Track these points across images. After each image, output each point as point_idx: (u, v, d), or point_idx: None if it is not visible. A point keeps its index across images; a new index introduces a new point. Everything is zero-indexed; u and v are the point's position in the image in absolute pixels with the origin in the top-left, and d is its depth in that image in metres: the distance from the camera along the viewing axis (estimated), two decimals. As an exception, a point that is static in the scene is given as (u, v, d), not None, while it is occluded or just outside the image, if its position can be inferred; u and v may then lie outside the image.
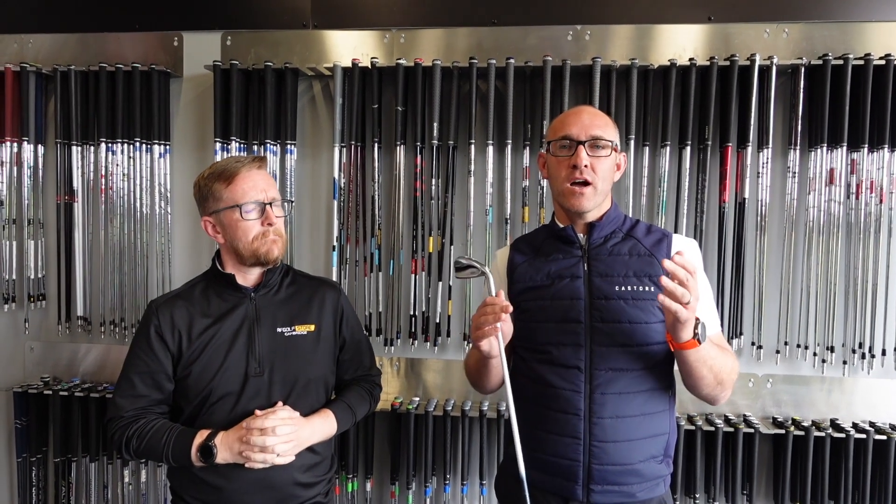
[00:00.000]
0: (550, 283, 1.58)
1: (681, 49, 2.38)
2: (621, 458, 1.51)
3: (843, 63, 2.25)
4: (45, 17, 2.70)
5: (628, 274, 1.53)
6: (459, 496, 2.52)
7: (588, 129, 1.54)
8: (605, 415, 1.51)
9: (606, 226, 1.58)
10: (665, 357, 1.55)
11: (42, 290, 2.71)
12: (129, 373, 1.64)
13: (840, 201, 2.32)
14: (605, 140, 1.54)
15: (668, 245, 1.57)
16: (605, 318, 1.52)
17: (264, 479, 1.62)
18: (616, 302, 1.52)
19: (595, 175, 1.53)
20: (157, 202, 2.60)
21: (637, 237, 1.58)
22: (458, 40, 2.48)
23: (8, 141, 2.62)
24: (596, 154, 1.53)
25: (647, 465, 1.53)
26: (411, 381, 2.59)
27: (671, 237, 1.60)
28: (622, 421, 1.51)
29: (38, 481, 2.72)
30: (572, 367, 1.53)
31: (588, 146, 1.52)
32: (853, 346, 2.36)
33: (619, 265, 1.54)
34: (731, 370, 1.51)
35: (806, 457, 2.31)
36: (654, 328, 1.51)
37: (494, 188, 2.46)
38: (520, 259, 1.67)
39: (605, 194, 1.58)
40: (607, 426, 1.51)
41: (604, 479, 1.51)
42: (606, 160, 1.55)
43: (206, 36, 2.61)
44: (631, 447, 1.51)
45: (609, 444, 1.51)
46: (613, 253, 1.56)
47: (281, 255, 1.67)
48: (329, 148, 2.54)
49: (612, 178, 1.59)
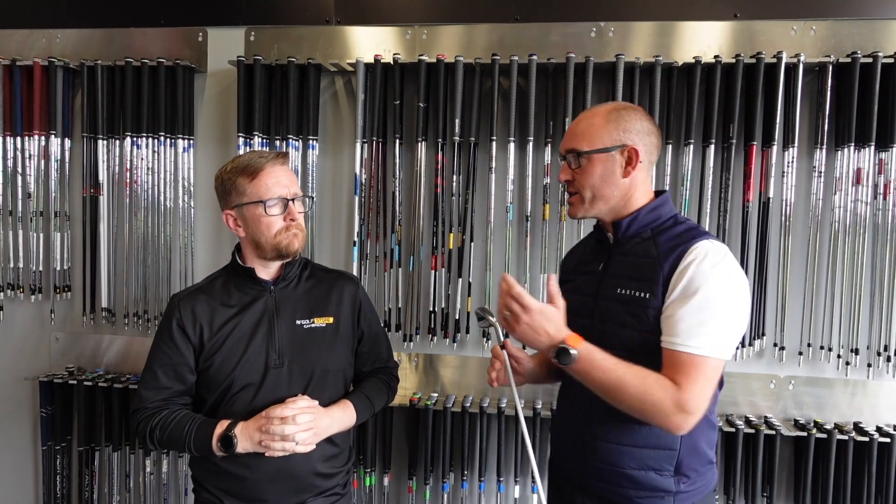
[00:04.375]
0: (575, 278, 1.64)
1: (706, 46, 2.35)
2: (612, 460, 1.51)
3: (872, 61, 2.21)
4: (72, 13, 2.74)
5: (632, 276, 1.49)
6: (476, 493, 2.52)
7: (566, 141, 1.56)
8: (599, 414, 1.50)
9: (633, 225, 1.53)
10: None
11: (67, 282, 2.76)
12: (152, 365, 1.67)
13: (867, 202, 2.28)
14: (577, 151, 1.51)
15: (682, 251, 1.43)
16: (604, 318, 1.51)
17: (285, 468, 1.63)
18: (613, 303, 1.50)
19: (582, 186, 1.52)
20: (181, 196, 2.63)
21: (659, 240, 1.49)
22: (480, 37, 2.48)
23: (36, 134, 2.66)
24: (575, 165, 1.53)
25: (644, 474, 1.49)
26: (429, 377, 2.60)
27: (693, 243, 1.43)
28: (614, 423, 1.49)
29: (63, 469, 2.77)
30: None
31: (570, 159, 1.54)
32: (878, 349, 2.32)
33: (627, 267, 1.51)
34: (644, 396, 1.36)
35: (828, 460, 2.28)
36: (645, 336, 1.44)
37: (515, 185, 2.45)
38: (569, 254, 1.79)
39: (606, 200, 1.51)
40: (599, 425, 1.51)
41: (599, 476, 1.53)
42: (586, 169, 1.51)
43: (231, 31, 2.63)
44: (620, 451, 1.49)
45: (600, 443, 1.52)
46: (628, 254, 1.52)
47: (301, 248, 1.69)
48: (351, 144, 2.55)
49: (604, 183, 1.50)
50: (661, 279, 1.43)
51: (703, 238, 1.45)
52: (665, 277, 1.42)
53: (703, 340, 1.36)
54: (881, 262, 2.29)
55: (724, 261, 1.41)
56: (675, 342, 1.38)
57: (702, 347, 1.36)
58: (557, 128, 2.42)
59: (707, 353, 1.36)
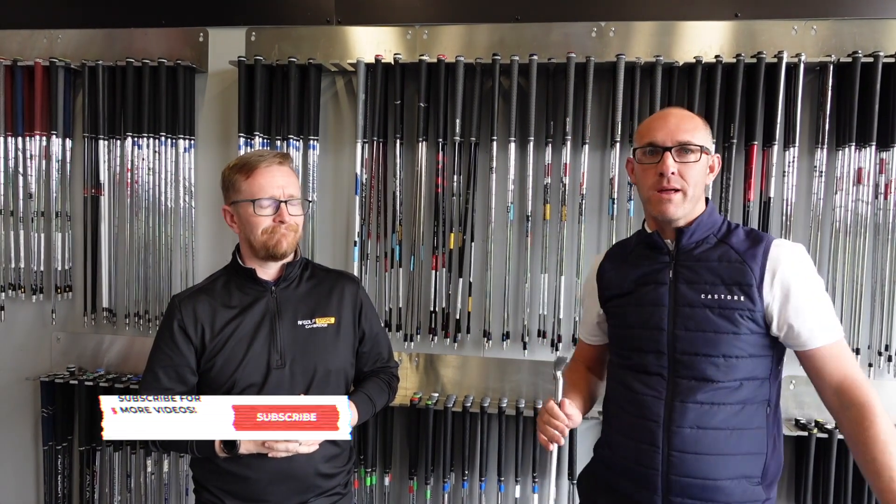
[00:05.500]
0: (635, 289, 1.55)
1: (706, 46, 2.35)
2: (703, 472, 1.43)
3: (873, 61, 2.21)
4: (73, 13, 2.74)
5: (716, 282, 1.45)
6: (477, 492, 2.52)
7: (674, 133, 1.47)
8: (686, 424, 1.44)
9: (698, 231, 1.51)
10: (762, 370, 1.47)
11: (69, 282, 2.76)
12: (153, 367, 1.67)
13: (868, 201, 2.28)
14: (693, 145, 1.46)
15: (764, 251, 1.45)
16: (689, 326, 1.46)
17: (287, 469, 1.64)
18: (701, 310, 1.45)
19: (684, 181, 1.46)
20: (182, 196, 2.64)
21: (731, 243, 1.49)
22: (480, 37, 2.48)
23: (37, 135, 2.67)
24: (684, 160, 1.46)
25: (737, 483, 1.44)
26: (430, 377, 2.60)
27: (770, 242, 1.47)
28: (704, 433, 1.43)
29: (64, 469, 2.78)
30: (654, 373, 1.49)
31: (675, 152, 1.46)
32: (879, 349, 2.32)
33: (707, 272, 1.47)
34: None
35: (829, 460, 2.28)
36: (744, 339, 1.43)
37: (516, 185, 2.45)
38: (609, 266, 1.65)
39: (697, 200, 1.51)
40: (687, 436, 1.44)
41: (683, 492, 1.45)
42: (696, 165, 1.47)
43: (231, 31, 2.63)
44: (716, 461, 1.43)
45: (689, 455, 1.44)
46: (702, 259, 1.49)
47: (290, 250, 1.68)
48: (351, 143, 2.55)
49: (703, 182, 1.51)
50: (754, 282, 1.43)
51: (772, 237, 1.50)
52: (759, 279, 1.43)
53: (834, 325, 1.45)
54: (882, 261, 2.29)
55: (802, 252, 1.48)
56: (823, 337, 1.43)
57: (837, 331, 1.45)
58: (558, 128, 2.42)
59: (840, 336, 1.45)
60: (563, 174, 2.40)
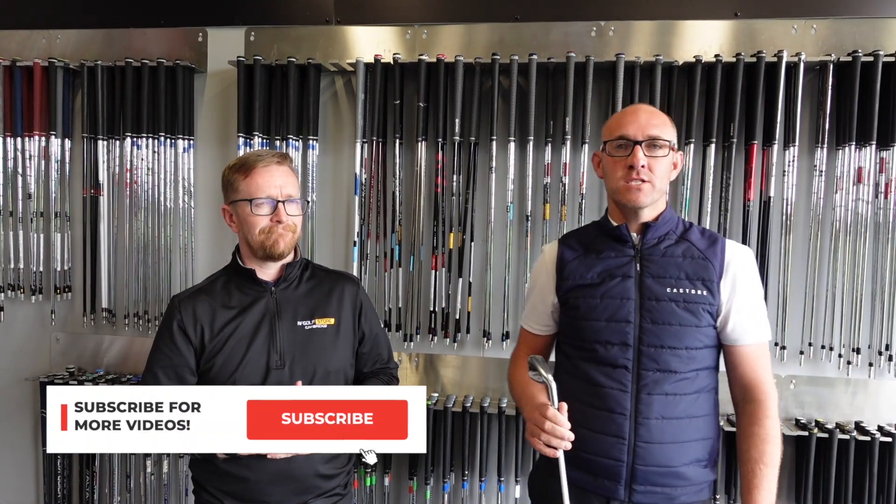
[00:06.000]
0: (601, 282, 1.58)
1: (706, 45, 2.35)
2: (666, 460, 1.50)
3: (873, 60, 2.21)
4: (72, 14, 2.74)
5: (681, 276, 1.53)
6: (477, 493, 2.52)
7: (645, 128, 1.53)
8: (652, 415, 1.50)
9: (661, 227, 1.57)
10: (711, 360, 1.57)
11: (68, 282, 2.76)
12: (153, 367, 1.67)
13: (868, 201, 2.28)
14: (662, 140, 1.53)
15: (721, 249, 1.56)
16: (656, 319, 1.52)
17: (286, 470, 1.63)
18: (667, 304, 1.52)
19: (652, 174, 1.52)
20: (181, 196, 2.63)
21: (691, 240, 1.57)
22: (480, 36, 2.47)
23: (36, 135, 2.66)
24: (653, 154, 1.52)
25: (692, 468, 1.52)
26: (430, 377, 2.59)
27: (724, 241, 1.58)
28: (668, 422, 1.50)
29: (63, 469, 2.77)
30: (620, 366, 1.53)
31: (645, 146, 1.51)
32: (879, 348, 2.32)
33: (673, 267, 1.54)
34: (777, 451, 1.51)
35: (829, 460, 2.28)
36: (703, 331, 1.52)
37: (516, 185, 2.45)
38: (570, 255, 1.65)
39: (662, 193, 1.57)
40: (653, 427, 1.50)
41: (647, 480, 1.51)
42: (664, 160, 1.54)
43: (230, 31, 2.63)
44: (676, 449, 1.51)
45: (654, 446, 1.50)
46: (667, 254, 1.56)
47: (287, 250, 1.67)
48: (351, 143, 2.55)
49: (668, 177, 1.58)
50: (715, 278, 1.53)
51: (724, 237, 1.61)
52: (718, 276, 1.53)
53: (765, 325, 1.57)
54: (882, 261, 2.29)
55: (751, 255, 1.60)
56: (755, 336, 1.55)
57: (767, 332, 1.58)
58: (557, 127, 2.42)
59: (766, 338, 1.58)
60: (563, 174, 2.39)
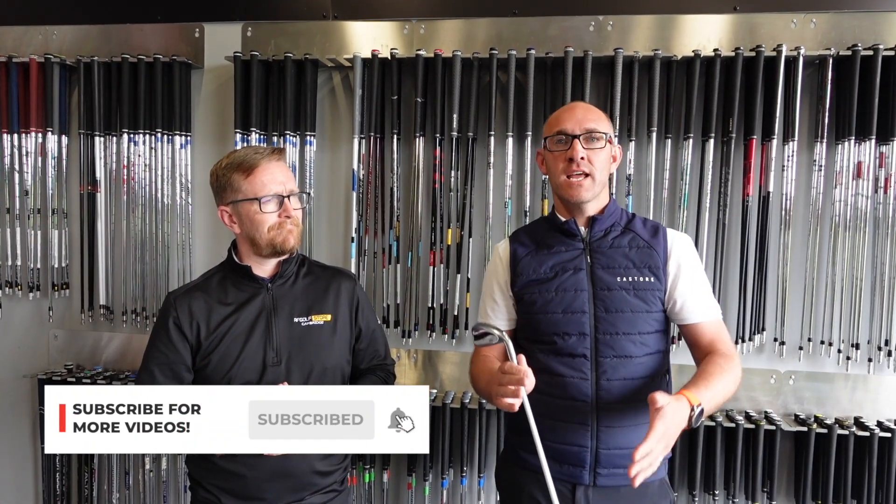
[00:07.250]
0: (554, 276, 1.64)
1: (705, 40, 2.34)
2: (627, 442, 1.53)
3: (872, 54, 2.20)
4: (68, 9, 2.73)
5: (629, 265, 1.61)
6: (476, 489, 2.52)
7: (582, 122, 1.60)
8: (612, 400, 1.56)
9: (607, 219, 1.65)
10: (663, 344, 1.65)
11: (66, 279, 2.75)
12: (148, 364, 1.67)
13: (867, 195, 2.27)
14: (598, 132, 1.60)
15: (663, 237, 1.65)
16: (609, 307, 1.59)
17: (283, 467, 1.63)
18: (619, 292, 1.59)
19: (592, 166, 1.59)
20: (178, 192, 2.62)
21: (635, 230, 1.66)
22: (478, 31, 2.46)
23: (33, 131, 2.65)
24: (591, 146, 1.59)
25: None
26: (428, 374, 2.59)
27: (665, 229, 1.67)
28: (627, 406, 1.56)
29: (62, 467, 2.77)
30: (579, 355, 1.59)
31: (583, 139, 1.58)
32: (878, 344, 2.31)
33: (621, 257, 1.62)
34: (736, 381, 1.54)
35: (828, 455, 2.28)
36: (653, 316, 1.61)
37: (514, 180, 2.44)
38: (522, 252, 1.70)
39: (603, 185, 1.65)
40: (614, 411, 1.56)
41: (610, 463, 1.57)
42: (602, 151, 1.61)
43: (227, 27, 2.62)
44: (635, 430, 1.54)
45: (616, 429, 1.56)
46: (614, 245, 1.64)
47: (297, 245, 1.68)
48: (348, 139, 2.54)
49: (608, 169, 1.65)
50: (661, 264, 1.61)
51: (664, 225, 1.70)
52: (663, 262, 1.62)
53: (714, 305, 1.65)
54: (882, 256, 2.28)
55: (690, 240, 1.71)
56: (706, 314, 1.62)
57: (716, 311, 1.65)
58: (556, 122, 2.41)
59: (717, 315, 1.65)
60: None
